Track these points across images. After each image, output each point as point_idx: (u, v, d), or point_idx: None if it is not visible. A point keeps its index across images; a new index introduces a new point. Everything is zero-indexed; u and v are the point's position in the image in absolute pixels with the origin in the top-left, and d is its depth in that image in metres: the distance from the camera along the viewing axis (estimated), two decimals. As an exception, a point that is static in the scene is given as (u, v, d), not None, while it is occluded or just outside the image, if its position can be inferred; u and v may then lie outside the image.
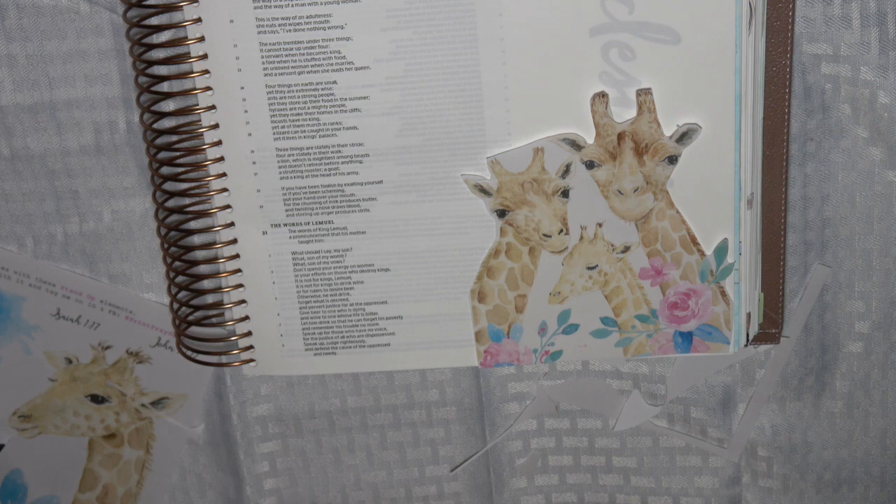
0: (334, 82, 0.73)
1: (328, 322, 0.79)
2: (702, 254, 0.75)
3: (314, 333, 0.80)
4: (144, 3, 0.72)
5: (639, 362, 0.83)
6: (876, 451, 0.84)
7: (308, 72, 0.73)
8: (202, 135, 0.75)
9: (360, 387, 0.85)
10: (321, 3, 0.71)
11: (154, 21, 0.73)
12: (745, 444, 0.85)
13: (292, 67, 0.73)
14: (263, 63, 0.73)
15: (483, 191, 0.75)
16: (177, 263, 0.78)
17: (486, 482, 0.89)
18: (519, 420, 0.86)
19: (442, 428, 0.87)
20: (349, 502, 0.90)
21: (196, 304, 0.80)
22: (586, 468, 0.88)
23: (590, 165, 0.74)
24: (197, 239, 0.78)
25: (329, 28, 0.72)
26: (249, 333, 0.80)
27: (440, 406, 0.85)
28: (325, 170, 0.75)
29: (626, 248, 0.76)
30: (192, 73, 0.73)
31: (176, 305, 0.79)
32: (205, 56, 0.73)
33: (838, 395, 0.83)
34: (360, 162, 0.75)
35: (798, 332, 0.80)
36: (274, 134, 0.74)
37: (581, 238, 0.76)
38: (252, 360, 0.81)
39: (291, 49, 0.72)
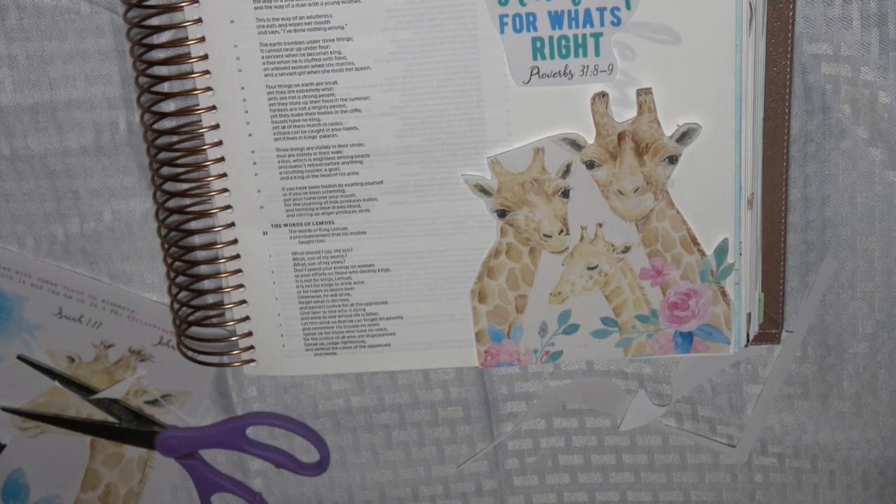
0: (335, 83, 0.73)
1: (328, 322, 0.79)
2: (702, 254, 0.75)
3: (314, 334, 0.80)
4: (145, 3, 0.72)
5: (643, 362, 0.83)
6: (890, 453, 0.84)
7: (308, 72, 0.73)
8: (203, 135, 0.75)
9: (364, 386, 0.85)
10: (322, 4, 0.71)
11: (154, 21, 0.73)
12: (756, 442, 0.85)
13: (293, 68, 0.73)
14: (264, 63, 0.73)
15: (483, 191, 0.75)
16: (177, 263, 0.78)
17: (493, 481, 0.89)
18: (525, 419, 0.86)
19: (447, 427, 0.87)
20: (355, 502, 0.90)
21: (196, 305, 0.80)
22: (597, 467, 0.88)
23: (590, 165, 0.74)
24: (197, 239, 0.78)
25: (329, 28, 0.72)
26: (250, 334, 0.80)
27: (445, 406, 0.85)
28: (326, 170, 0.75)
29: (627, 249, 0.76)
30: (193, 73, 0.73)
31: (176, 305, 0.79)
32: (205, 56, 0.73)
33: (846, 396, 0.83)
34: (361, 162, 0.75)
35: (805, 328, 0.80)
36: (274, 134, 0.74)
37: (581, 238, 0.75)
38: (252, 361, 0.81)
39: (292, 49, 0.72)
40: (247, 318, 0.80)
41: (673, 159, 0.73)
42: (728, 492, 0.88)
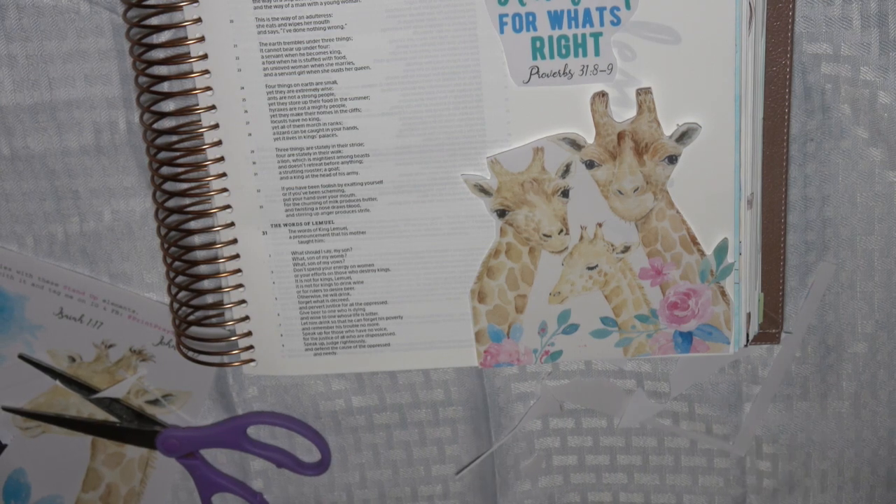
0: (334, 82, 0.73)
1: (328, 322, 0.79)
2: (702, 254, 0.75)
3: (314, 333, 0.80)
4: (144, 3, 0.72)
5: (641, 361, 0.83)
6: (883, 452, 0.84)
7: (308, 72, 0.73)
8: (202, 135, 0.75)
9: (364, 386, 0.85)
10: (321, 3, 0.71)
11: (154, 21, 0.73)
12: (751, 442, 0.85)
13: (292, 67, 0.73)
14: (263, 63, 0.73)
15: (483, 191, 0.75)
16: (177, 263, 0.78)
17: (490, 482, 0.89)
18: (524, 420, 0.86)
19: (448, 427, 0.87)
20: (354, 501, 0.90)
21: (196, 304, 0.80)
22: (591, 467, 0.88)
23: (590, 165, 0.74)
24: (197, 239, 0.78)
25: (329, 28, 0.72)
26: (249, 333, 0.80)
27: (446, 406, 0.85)
28: (325, 170, 0.75)
29: (626, 248, 0.76)
30: (192, 73, 0.73)
31: (176, 305, 0.80)
32: (205, 56, 0.73)
33: (844, 396, 0.83)
34: (360, 162, 0.75)
35: (804, 329, 0.80)
36: (274, 134, 0.74)
37: (581, 238, 0.75)
38: (252, 360, 0.81)
39: (291, 49, 0.72)
40: (246, 317, 0.80)
41: (672, 159, 0.73)
42: (720, 497, 0.87)
